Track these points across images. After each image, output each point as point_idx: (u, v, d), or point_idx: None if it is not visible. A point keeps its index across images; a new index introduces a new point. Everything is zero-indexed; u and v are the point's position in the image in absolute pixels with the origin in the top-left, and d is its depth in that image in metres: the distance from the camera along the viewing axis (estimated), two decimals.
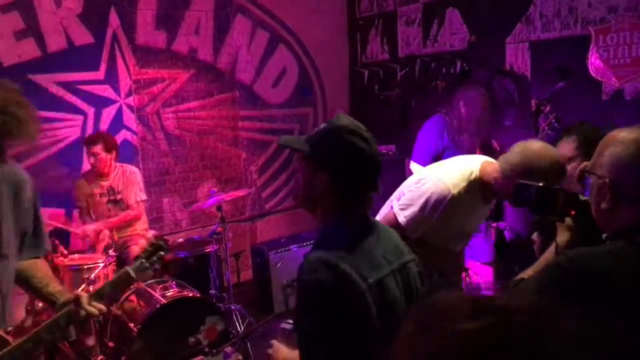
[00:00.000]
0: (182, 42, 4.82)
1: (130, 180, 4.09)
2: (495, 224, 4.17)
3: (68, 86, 4.28)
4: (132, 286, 3.56)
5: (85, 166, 4.19)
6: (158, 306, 3.24)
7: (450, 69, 5.03)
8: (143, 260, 1.90)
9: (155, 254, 1.93)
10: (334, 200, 1.42)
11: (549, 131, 3.39)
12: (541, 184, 1.60)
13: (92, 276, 3.30)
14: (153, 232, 4.41)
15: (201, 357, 3.25)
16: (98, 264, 3.40)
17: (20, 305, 3.20)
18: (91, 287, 3.27)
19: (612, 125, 1.48)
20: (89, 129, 4.37)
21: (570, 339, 0.55)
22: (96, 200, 4.02)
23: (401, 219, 2.32)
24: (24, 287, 1.91)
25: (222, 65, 5.09)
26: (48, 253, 3.38)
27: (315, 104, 5.79)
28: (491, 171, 2.27)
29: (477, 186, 2.29)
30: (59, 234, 3.79)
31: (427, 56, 5.24)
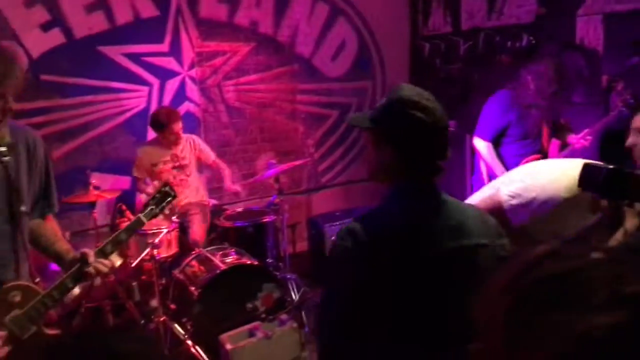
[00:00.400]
0: (244, 15, 4.87)
1: (196, 146, 4.25)
2: None
3: (134, 58, 4.43)
4: (193, 252, 3.71)
5: (150, 135, 4.33)
6: (218, 272, 3.36)
7: (516, 43, 4.84)
8: (152, 207, 2.07)
9: (163, 200, 2.09)
10: (400, 173, 1.44)
11: (622, 108, 3.22)
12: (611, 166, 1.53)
13: (156, 241, 3.45)
14: (213, 201, 4.55)
15: (258, 322, 3.36)
16: (162, 229, 3.55)
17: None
18: (155, 251, 3.43)
19: None
20: (154, 100, 4.52)
21: None
22: (160, 168, 4.14)
23: (507, 206, 2.24)
24: (33, 245, 1.98)
25: (282, 38, 5.12)
26: (117, 218, 3.57)
27: (374, 78, 5.73)
28: None
29: (589, 196, 2.19)
30: (125, 199, 3.98)
31: (492, 29, 5.05)
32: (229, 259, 3.55)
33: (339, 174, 5.68)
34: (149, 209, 2.04)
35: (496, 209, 2.19)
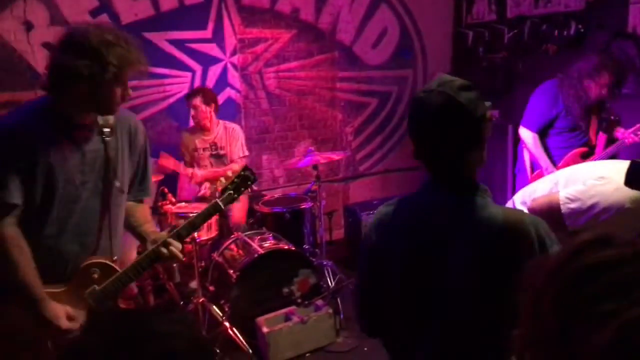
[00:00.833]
0: (285, 2, 4.88)
1: (232, 137, 4.26)
2: None
3: (178, 44, 4.50)
4: (232, 236, 3.78)
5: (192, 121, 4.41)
6: (256, 256, 3.42)
7: (564, 31, 4.69)
8: (231, 191, 2.02)
9: (243, 184, 2.05)
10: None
11: None
12: None
13: None
14: (252, 187, 4.60)
15: (294, 307, 3.41)
16: None
17: (133, 246, 3.49)
18: (196, 233, 3.51)
19: None
20: (197, 86, 4.59)
21: None
22: (200, 155, 4.23)
23: (564, 209, 2.14)
24: (124, 225, 2.07)
25: (323, 25, 5.11)
26: (159, 201, 3.66)
27: (415, 66, 5.66)
28: None
29: None
30: (168, 183, 4.08)
31: (539, 17, 4.91)
32: (266, 244, 3.60)
33: (377, 163, 5.66)
34: (227, 194, 2.01)
35: (552, 211, 2.11)
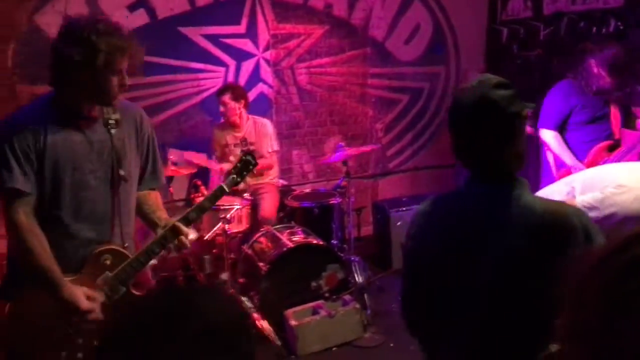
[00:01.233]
0: None
1: (262, 132, 4.29)
2: None
3: (212, 39, 4.57)
4: (262, 229, 3.83)
5: None
6: (285, 249, 3.45)
7: (602, 28, 4.59)
8: (234, 176, 2.15)
9: (245, 168, 2.18)
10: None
11: None
12: None
13: (228, 216, 3.59)
14: (282, 181, 4.65)
15: (321, 301, 3.43)
16: (234, 205, 3.68)
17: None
18: (227, 226, 3.57)
19: None
20: (230, 81, 4.64)
21: None
22: (230, 150, 4.27)
23: None
24: (136, 213, 2.14)
25: (356, 21, 5.10)
26: (192, 193, 3.73)
27: (448, 63, 5.61)
28: None
29: None
30: (201, 176, 4.15)
31: (576, 13, 4.81)
32: (296, 238, 3.64)
33: (407, 160, 5.63)
34: (230, 177, 2.13)
35: None
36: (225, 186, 2.10)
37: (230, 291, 3.53)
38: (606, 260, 0.62)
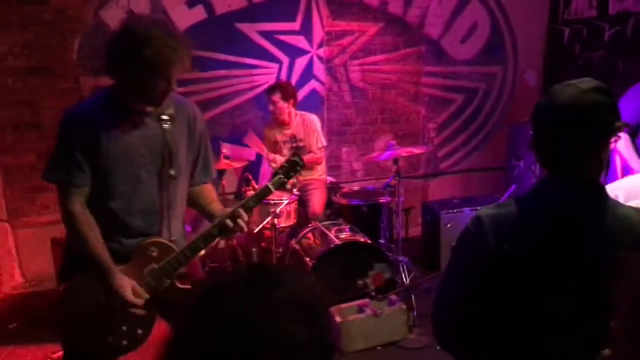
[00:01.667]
0: None
1: (310, 128, 4.30)
2: None
3: (267, 35, 4.62)
4: (309, 225, 3.84)
5: None
6: (332, 246, 3.46)
7: None
8: (281, 176, 2.12)
9: (292, 169, 2.14)
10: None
11: None
12: None
13: (277, 210, 3.62)
14: (330, 178, 4.65)
15: (367, 300, 3.42)
16: (283, 200, 3.71)
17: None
18: (276, 220, 3.60)
19: None
20: (283, 77, 4.69)
21: None
22: (280, 147, 4.31)
23: None
24: (191, 205, 2.18)
25: (411, 18, 5.04)
26: (243, 187, 3.78)
27: (505, 63, 5.46)
28: None
29: None
30: (251, 170, 4.22)
31: None
32: (343, 235, 3.63)
33: (460, 161, 5.53)
34: (277, 177, 2.12)
35: None
36: (271, 186, 2.09)
37: None
38: None
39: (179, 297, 1.97)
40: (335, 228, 3.75)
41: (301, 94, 4.56)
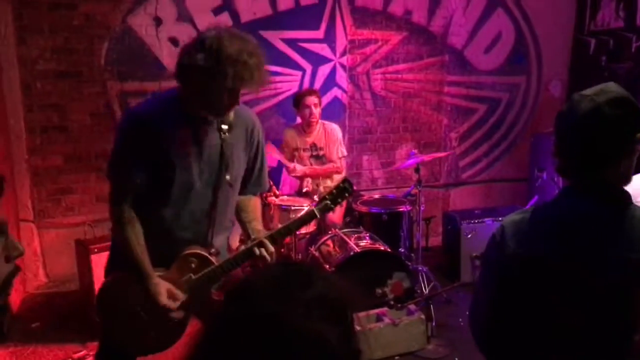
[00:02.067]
0: (398, 3, 4.88)
1: (331, 137, 4.27)
2: None
3: (291, 43, 4.66)
4: (329, 232, 3.85)
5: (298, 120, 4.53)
6: (352, 253, 3.45)
7: None
8: (328, 202, 2.05)
9: (340, 196, 2.07)
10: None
11: None
12: None
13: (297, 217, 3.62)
14: None
15: (386, 308, 3.40)
16: (303, 207, 3.72)
17: (236, 234, 3.65)
18: None
19: None
20: (305, 85, 4.72)
21: None
22: (300, 154, 4.29)
23: None
24: (236, 217, 2.15)
25: (435, 28, 5.04)
26: (264, 192, 3.81)
27: (529, 74, 5.42)
28: None
29: None
30: (273, 177, 4.23)
31: None
32: (362, 243, 3.63)
33: (482, 171, 5.49)
34: (324, 203, 2.05)
35: None
36: (316, 211, 2.04)
37: None
38: None
39: (214, 307, 1.97)
40: (355, 236, 3.75)
41: (323, 101, 4.56)
